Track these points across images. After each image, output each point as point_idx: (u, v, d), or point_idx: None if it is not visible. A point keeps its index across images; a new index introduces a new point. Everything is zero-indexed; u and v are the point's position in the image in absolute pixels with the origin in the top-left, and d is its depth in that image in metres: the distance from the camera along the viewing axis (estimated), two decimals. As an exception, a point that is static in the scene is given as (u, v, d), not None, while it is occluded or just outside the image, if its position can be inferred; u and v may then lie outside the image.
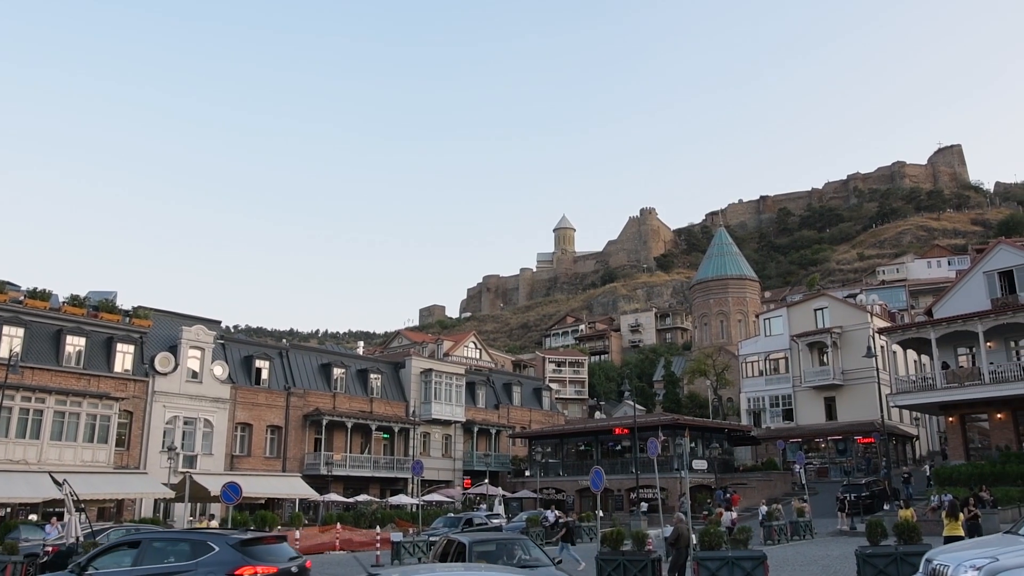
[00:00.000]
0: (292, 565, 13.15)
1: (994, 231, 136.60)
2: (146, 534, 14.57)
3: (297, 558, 13.73)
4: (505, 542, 16.10)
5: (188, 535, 14.10)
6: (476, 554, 14.61)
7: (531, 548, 15.65)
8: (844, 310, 63.06)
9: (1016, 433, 42.49)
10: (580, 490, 57.38)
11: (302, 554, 15.58)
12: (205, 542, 12.82)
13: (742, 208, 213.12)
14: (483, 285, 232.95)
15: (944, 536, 20.45)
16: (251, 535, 13.51)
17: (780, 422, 63.43)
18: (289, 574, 12.88)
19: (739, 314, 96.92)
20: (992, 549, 11.55)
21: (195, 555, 12.57)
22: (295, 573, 13.05)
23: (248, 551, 12.63)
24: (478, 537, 16.31)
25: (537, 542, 19.08)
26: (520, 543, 15.90)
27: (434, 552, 17.13)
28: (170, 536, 14.72)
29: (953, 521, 20.60)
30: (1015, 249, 47.77)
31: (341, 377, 58.56)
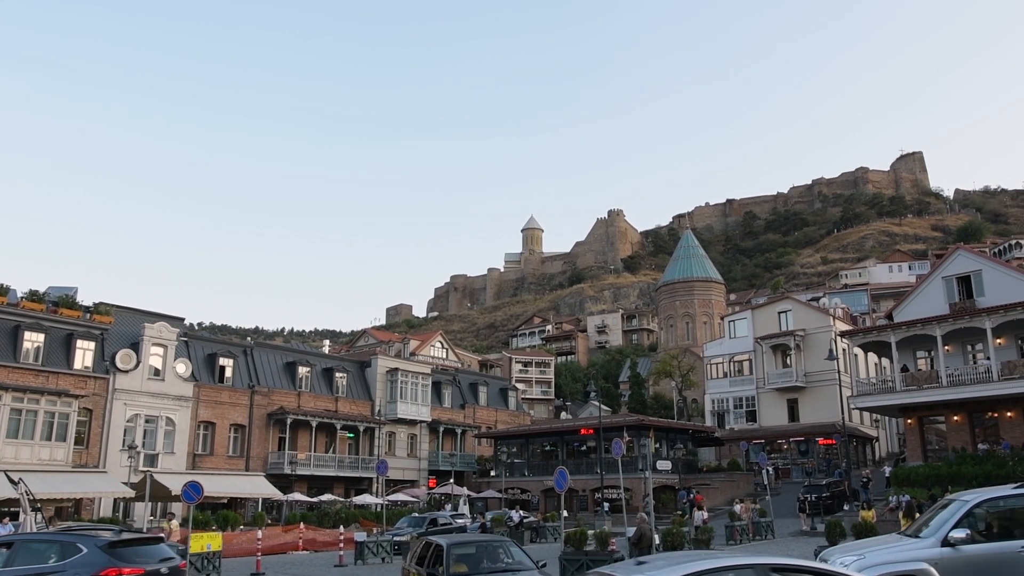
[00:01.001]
0: (162, 566, 13.49)
1: (953, 237, 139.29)
2: (20, 536, 15.14)
3: (169, 559, 14.04)
4: (487, 544, 15.39)
5: (60, 537, 14.31)
6: (455, 557, 13.93)
7: (514, 551, 15.04)
8: (807, 313, 63.87)
9: (972, 435, 43.35)
10: (545, 490, 57.51)
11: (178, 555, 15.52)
12: (74, 544, 13.14)
13: (709, 211, 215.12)
14: (450, 285, 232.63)
15: (901, 536, 20.79)
16: (124, 536, 13.95)
17: (744, 423, 64.07)
18: (157, 575, 13.20)
19: (704, 316, 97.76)
20: (867, 549, 12.13)
21: (64, 556, 12.89)
22: (164, 574, 13.39)
23: (116, 553, 12.94)
24: (458, 539, 15.60)
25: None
26: (503, 545, 15.27)
27: (411, 556, 16.43)
28: (43, 538, 14.97)
29: (910, 521, 20.99)
30: (973, 255, 48.77)
31: (306, 376, 58.11)
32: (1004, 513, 11.94)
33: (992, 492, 12.80)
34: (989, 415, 43.29)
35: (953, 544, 11.28)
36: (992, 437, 42.67)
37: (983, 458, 39.91)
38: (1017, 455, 38.85)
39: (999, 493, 12.51)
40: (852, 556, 11.68)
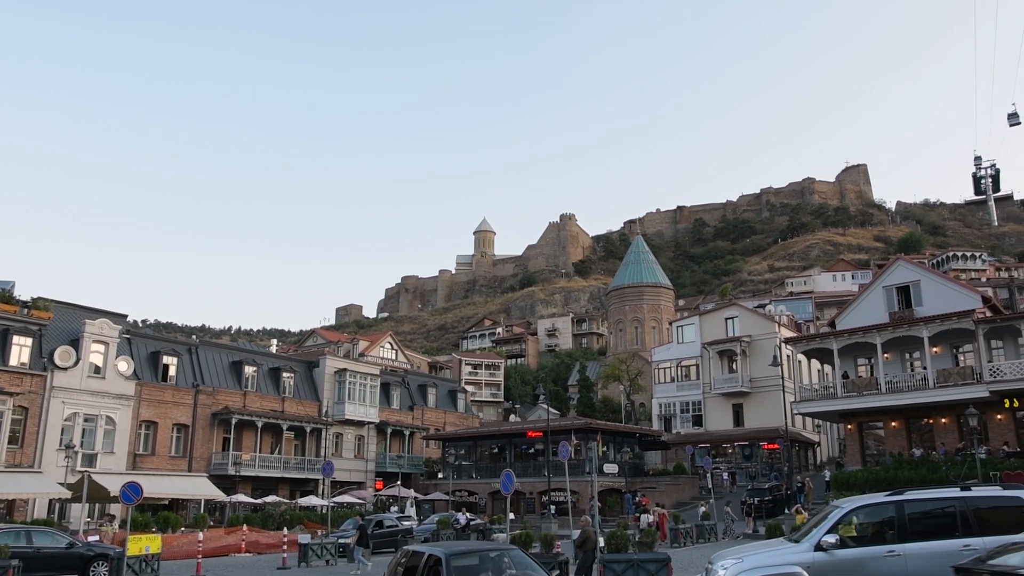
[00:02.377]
0: None
1: (894, 248, 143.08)
2: None
3: None
4: (491, 554, 13.37)
5: None
6: (455, 570, 12.06)
7: (524, 562, 13.07)
8: (753, 320, 64.95)
9: (908, 440, 44.56)
10: (493, 492, 57.50)
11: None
12: None
13: (659, 217, 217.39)
14: (401, 286, 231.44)
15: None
16: None
17: (690, 427, 64.87)
18: None
19: (653, 321, 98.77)
20: (747, 553, 12.60)
21: None
22: None
23: None
24: (457, 549, 13.18)
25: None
26: (509, 555, 13.29)
27: (394, 567, 14.12)
28: None
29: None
30: (912, 266, 50.14)
31: (252, 375, 57.28)
32: (875, 519, 12.37)
33: (865, 499, 13.27)
34: (925, 421, 44.54)
35: (825, 549, 11.70)
36: (928, 443, 43.91)
37: (919, 463, 41.02)
38: (950, 460, 40.01)
39: (871, 500, 12.97)
40: (732, 560, 12.09)
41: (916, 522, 11.97)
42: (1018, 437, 41.23)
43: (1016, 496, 11.90)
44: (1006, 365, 40.59)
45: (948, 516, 11.89)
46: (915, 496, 12.38)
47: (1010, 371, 39.99)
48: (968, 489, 12.39)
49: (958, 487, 12.67)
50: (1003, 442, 40.70)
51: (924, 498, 12.43)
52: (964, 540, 11.47)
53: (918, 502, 12.25)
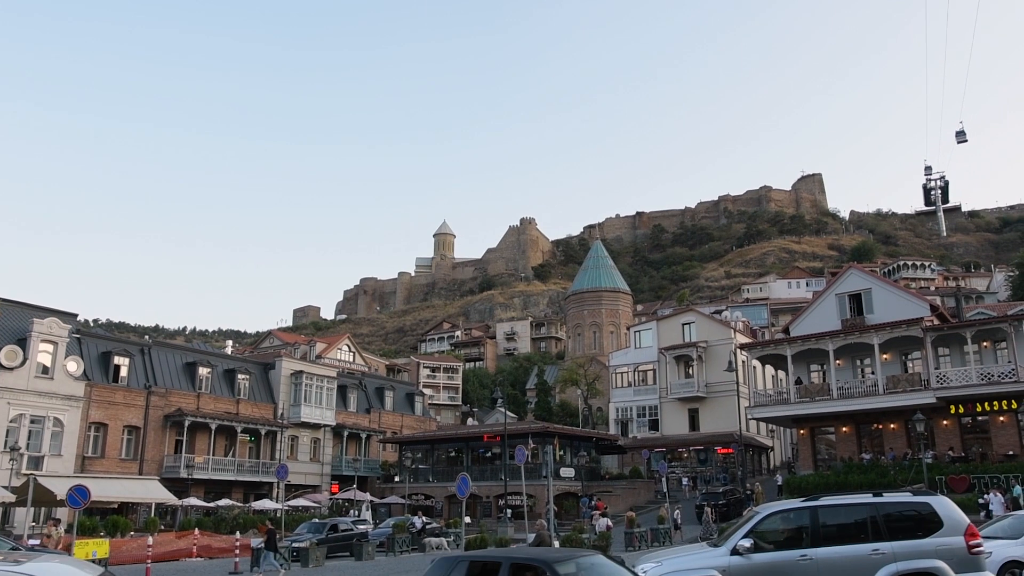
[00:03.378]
0: None
1: (848, 256, 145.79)
2: None
3: None
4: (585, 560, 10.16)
5: None
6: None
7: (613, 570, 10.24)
8: (710, 325, 65.69)
9: (859, 445, 45.43)
10: (449, 496, 57.32)
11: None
12: None
13: (619, 223, 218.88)
14: (360, 288, 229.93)
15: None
16: None
17: (646, 432, 65.35)
18: None
19: (612, 326, 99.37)
20: (668, 556, 13.01)
21: None
22: None
23: None
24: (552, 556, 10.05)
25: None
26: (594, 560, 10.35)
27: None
28: None
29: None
30: (864, 274, 51.18)
31: (207, 377, 56.42)
32: (791, 524, 12.67)
33: (781, 505, 13.58)
34: (875, 426, 45.46)
35: (741, 553, 11.97)
36: (877, 447, 44.79)
37: (868, 467, 41.87)
38: (898, 465, 40.90)
39: (787, 506, 13.26)
40: (652, 563, 12.39)
41: (829, 527, 12.23)
42: (963, 442, 42.28)
43: (924, 502, 12.19)
44: (952, 372, 41.61)
45: (860, 521, 12.16)
46: (828, 502, 12.65)
47: (956, 378, 41.01)
48: (880, 495, 12.68)
49: (870, 493, 12.92)
50: (948, 447, 41.70)
51: (837, 504, 12.70)
52: (873, 544, 11.73)
53: (831, 508, 12.53)
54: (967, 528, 11.79)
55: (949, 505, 12.16)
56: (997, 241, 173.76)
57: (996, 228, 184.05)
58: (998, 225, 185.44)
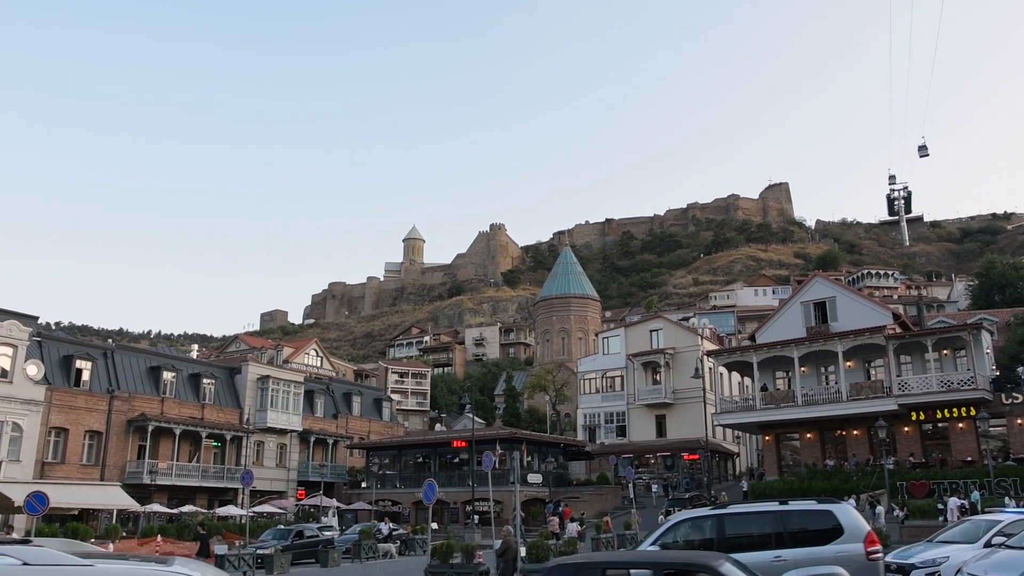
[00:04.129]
0: None
1: (813, 264, 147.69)
2: None
3: None
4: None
5: None
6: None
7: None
8: (677, 332, 66.15)
9: (822, 452, 46.03)
10: (416, 502, 57.07)
11: None
12: None
13: (588, 229, 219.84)
14: (328, 292, 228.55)
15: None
16: None
17: (614, 438, 65.61)
18: None
19: (580, 332, 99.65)
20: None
21: None
22: None
23: None
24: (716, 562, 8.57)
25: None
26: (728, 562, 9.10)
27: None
28: None
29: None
30: (829, 283, 51.95)
31: (171, 381, 55.68)
32: (700, 532, 12.86)
33: (692, 513, 13.83)
34: (838, 433, 46.09)
35: None
36: (840, 454, 45.44)
37: (831, 473, 42.45)
38: (861, 471, 41.50)
39: (697, 514, 13.52)
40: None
41: (736, 534, 12.42)
42: (923, 448, 43.03)
43: (827, 510, 12.44)
44: (913, 379, 42.35)
45: (765, 529, 12.37)
46: (736, 510, 12.90)
47: (917, 385, 41.73)
48: (786, 503, 12.94)
49: (777, 502, 13.14)
50: (909, 453, 42.41)
51: (744, 512, 12.94)
52: (776, 551, 11.95)
53: (738, 516, 12.76)
54: (867, 535, 12.07)
55: (851, 513, 12.46)
56: (958, 251, 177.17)
57: (957, 238, 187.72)
58: (959, 235, 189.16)
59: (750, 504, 13.41)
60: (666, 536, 12.59)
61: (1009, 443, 40.93)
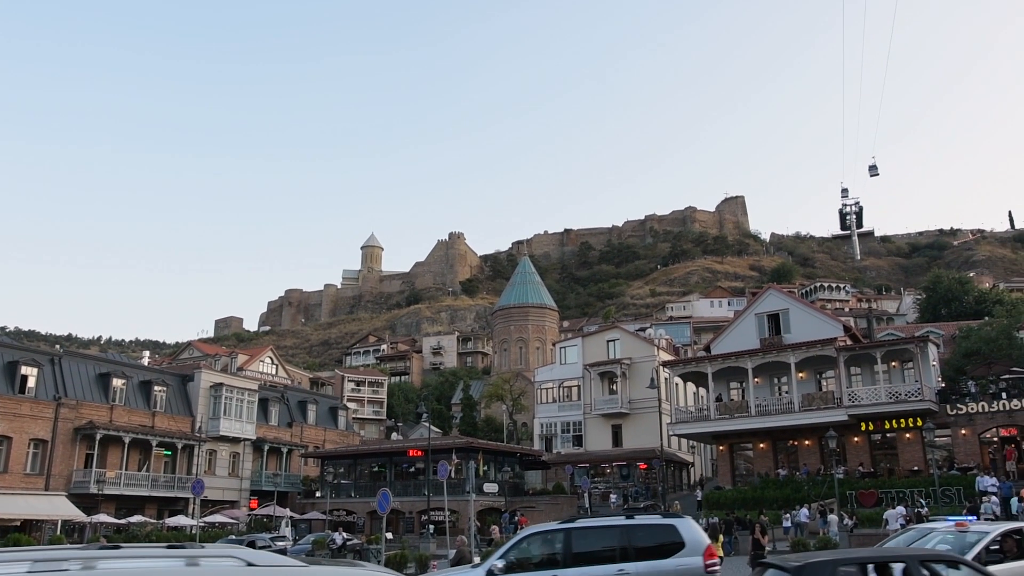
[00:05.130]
0: None
1: (768, 277, 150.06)
2: None
3: None
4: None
5: None
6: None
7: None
8: (634, 342, 66.57)
9: (775, 461, 46.65)
10: (371, 511, 56.52)
11: None
12: None
13: (547, 239, 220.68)
14: (285, 299, 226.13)
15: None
16: None
17: (570, 447, 65.71)
18: None
19: (538, 341, 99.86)
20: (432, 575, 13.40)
21: None
22: None
23: None
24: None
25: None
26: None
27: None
28: None
29: (713, 542, 22.17)
30: (782, 295, 52.77)
31: (121, 388, 54.55)
32: (548, 546, 12.89)
33: (539, 527, 13.85)
34: (791, 443, 46.76)
35: (496, 573, 12.22)
36: (793, 463, 46.08)
37: (783, 483, 43.03)
38: (812, 480, 42.13)
39: (544, 528, 13.56)
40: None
41: (583, 550, 12.50)
42: (872, 458, 43.84)
43: (671, 524, 12.66)
44: (863, 391, 43.17)
45: (612, 543, 12.48)
46: (583, 524, 13.03)
47: (866, 396, 42.55)
48: (632, 518, 13.17)
49: (623, 516, 13.38)
50: (859, 463, 43.16)
51: (590, 526, 13.08)
52: (619, 565, 12.12)
53: (586, 530, 12.87)
54: (706, 548, 12.32)
55: (692, 527, 12.66)
56: (907, 265, 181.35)
57: (906, 253, 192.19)
58: (908, 250, 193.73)
59: (597, 519, 13.53)
60: (513, 551, 12.51)
61: (954, 453, 41.89)
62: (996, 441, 41.65)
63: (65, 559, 4.33)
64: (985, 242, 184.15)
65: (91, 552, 4.88)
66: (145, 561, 4.62)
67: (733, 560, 26.40)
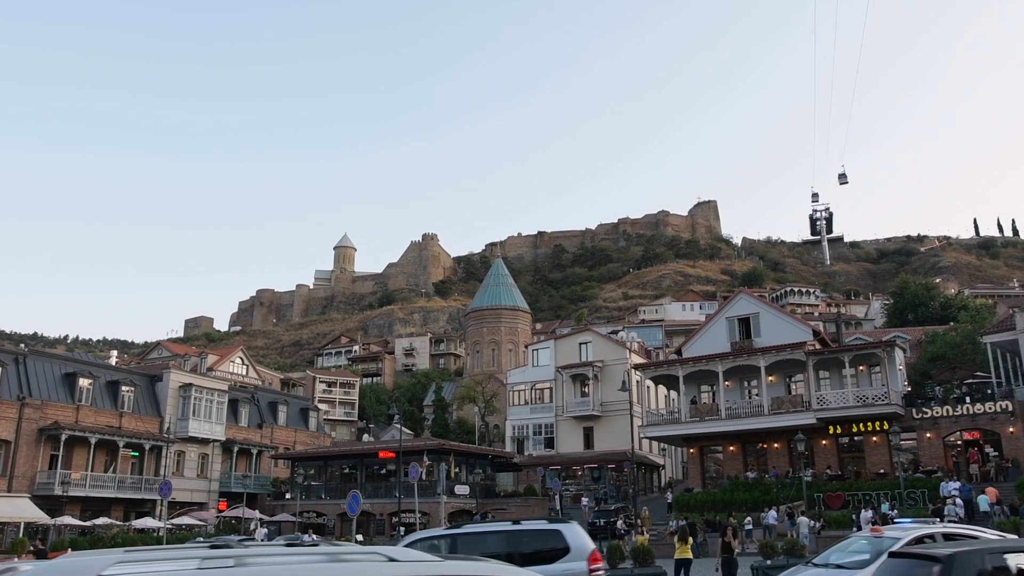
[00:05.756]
0: None
1: (739, 281, 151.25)
2: None
3: None
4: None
5: None
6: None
7: None
8: (606, 345, 66.85)
9: (745, 464, 47.09)
10: (342, 513, 56.19)
11: None
12: None
13: (521, 241, 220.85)
14: (256, 299, 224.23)
15: (675, 559, 22.05)
16: None
17: (542, 450, 65.84)
18: None
19: (510, 343, 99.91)
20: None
21: None
22: None
23: None
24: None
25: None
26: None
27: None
28: None
29: (683, 544, 22.27)
30: (753, 299, 53.25)
31: (88, 388, 53.79)
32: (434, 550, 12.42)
33: (425, 533, 13.86)
34: (760, 446, 47.23)
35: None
36: (762, 466, 46.53)
37: (753, 485, 43.44)
38: (781, 483, 42.56)
39: (429, 534, 13.60)
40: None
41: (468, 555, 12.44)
42: (840, 461, 44.40)
43: (556, 530, 12.67)
44: (831, 394, 43.70)
45: (498, 549, 12.37)
46: (469, 530, 13.00)
47: (834, 400, 43.09)
48: (519, 523, 13.18)
49: (511, 522, 13.34)
50: (827, 466, 43.70)
51: (476, 532, 13.05)
52: None
53: (471, 535, 12.83)
54: (591, 554, 12.34)
55: (577, 532, 12.68)
56: (875, 271, 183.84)
57: (874, 259, 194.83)
58: (876, 256, 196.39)
59: (483, 524, 13.48)
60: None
61: (919, 456, 42.53)
62: (960, 444, 42.36)
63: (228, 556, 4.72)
64: (951, 249, 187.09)
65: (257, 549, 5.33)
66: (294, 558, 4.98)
67: (702, 562, 26.58)
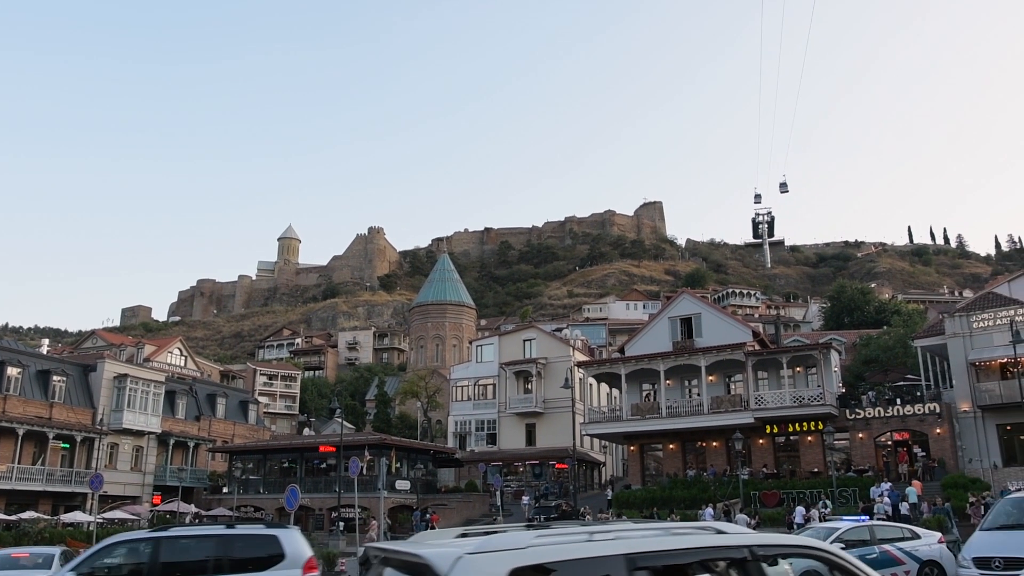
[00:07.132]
0: None
1: (683, 282, 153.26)
2: None
3: None
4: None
5: None
6: None
7: None
8: (550, 343, 67.19)
9: (684, 462, 47.77)
10: (280, 508, 55.49)
11: None
12: None
13: (467, 237, 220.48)
14: (197, 289, 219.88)
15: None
16: None
17: (484, 446, 65.92)
18: None
19: (455, 339, 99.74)
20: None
21: None
22: None
23: None
24: None
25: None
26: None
27: None
28: None
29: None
30: (695, 300, 54.02)
31: (16, 377, 52.09)
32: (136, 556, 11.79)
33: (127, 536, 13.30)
34: (699, 444, 47.94)
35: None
36: (701, 464, 47.26)
37: (691, 483, 44.09)
38: (719, 480, 43.30)
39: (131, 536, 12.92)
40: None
41: (174, 560, 11.69)
42: (776, 460, 45.33)
43: (272, 535, 12.17)
44: (769, 394, 44.58)
45: (207, 554, 11.83)
46: (176, 534, 12.36)
47: (772, 400, 43.96)
48: (233, 527, 12.84)
49: (224, 526, 13.03)
50: (763, 464, 44.57)
51: (184, 535, 12.47)
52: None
53: (178, 539, 12.15)
54: (307, 561, 11.85)
55: (295, 538, 12.16)
56: (813, 275, 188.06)
57: (813, 263, 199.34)
58: (815, 260, 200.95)
59: (193, 527, 13.06)
60: (93, 560, 11.49)
61: (851, 455, 43.64)
62: (890, 445, 43.60)
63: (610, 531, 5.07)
64: (886, 255, 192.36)
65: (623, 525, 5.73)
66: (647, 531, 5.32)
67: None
